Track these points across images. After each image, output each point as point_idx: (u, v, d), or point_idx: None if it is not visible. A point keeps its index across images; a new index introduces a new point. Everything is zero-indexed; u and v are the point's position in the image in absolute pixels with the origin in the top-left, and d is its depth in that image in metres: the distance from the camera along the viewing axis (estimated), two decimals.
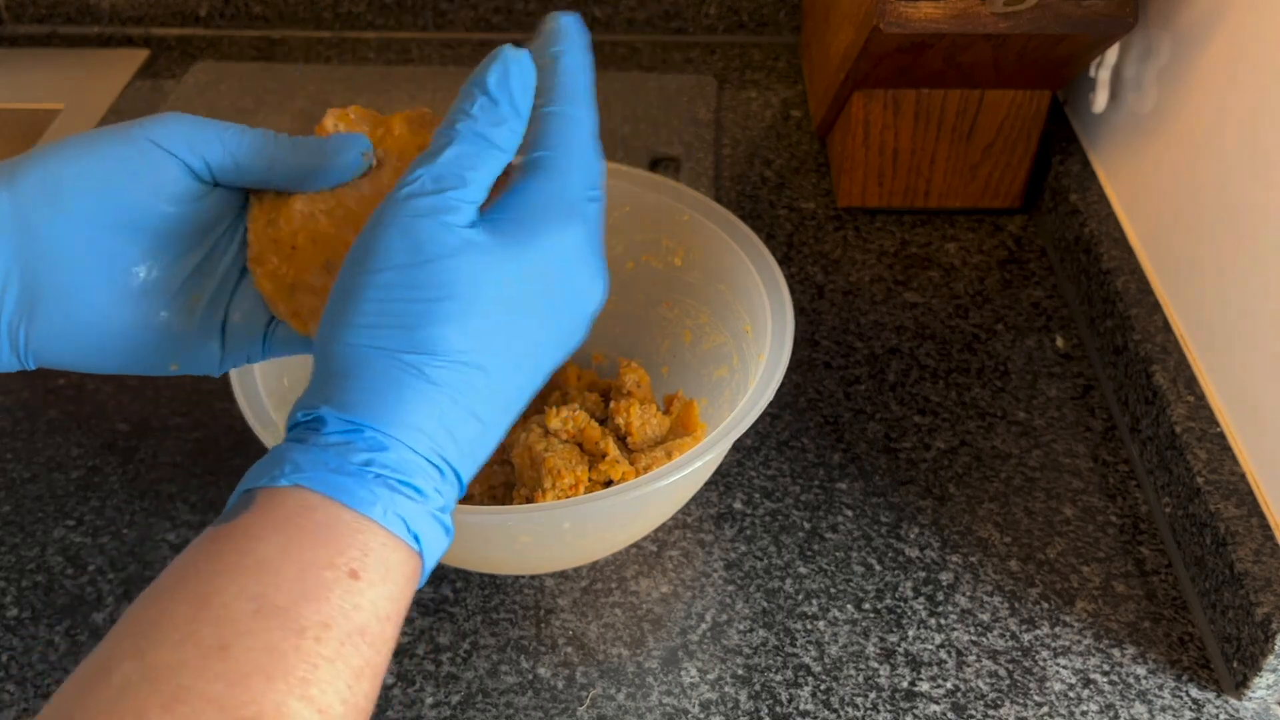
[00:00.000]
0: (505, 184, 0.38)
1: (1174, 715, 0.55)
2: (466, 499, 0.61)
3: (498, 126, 0.37)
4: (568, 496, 0.57)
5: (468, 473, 0.37)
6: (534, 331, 0.37)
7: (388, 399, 0.35)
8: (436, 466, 0.35)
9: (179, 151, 0.39)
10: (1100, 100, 0.76)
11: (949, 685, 0.56)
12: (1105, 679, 0.56)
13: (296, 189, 0.41)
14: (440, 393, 0.35)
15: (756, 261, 0.59)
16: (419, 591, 0.59)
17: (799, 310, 0.76)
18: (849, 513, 0.64)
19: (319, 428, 0.35)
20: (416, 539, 0.35)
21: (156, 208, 0.39)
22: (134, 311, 0.40)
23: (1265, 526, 0.56)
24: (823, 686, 0.56)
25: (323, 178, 0.40)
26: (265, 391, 0.55)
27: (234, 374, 0.55)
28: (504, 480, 0.62)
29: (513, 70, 0.37)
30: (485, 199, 0.37)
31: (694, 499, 0.64)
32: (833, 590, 0.60)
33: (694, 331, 0.65)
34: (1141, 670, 0.56)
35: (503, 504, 0.61)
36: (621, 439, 0.61)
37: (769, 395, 0.52)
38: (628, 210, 0.65)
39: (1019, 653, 0.57)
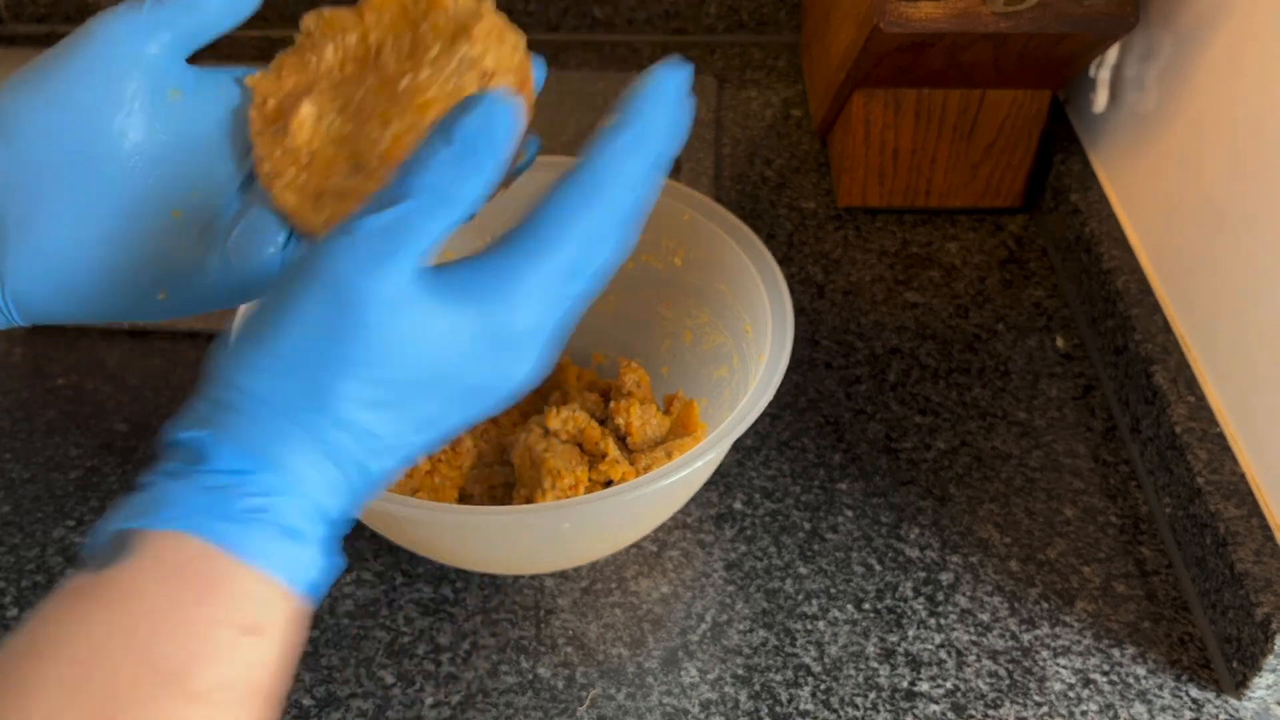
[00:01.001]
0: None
1: (1174, 715, 0.54)
2: (466, 498, 0.61)
3: (461, 182, 0.33)
4: (568, 496, 0.57)
5: (351, 516, 0.35)
6: (447, 404, 0.35)
7: (277, 447, 0.32)
8: (325, 515, 0.33)
9: (139, 45, 0.37)
10: (1101, 100, 0.76)
11: (949, 685, 0.56)
12: (1105, 679, 0.56)
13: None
14: (331, 452, 0.33)
15: (757, 261, 0.59)
16: (419, 591, 0.59)
17: (799, 310, 0.76)
18: (849, 513, 0.64)
19: (201, 461, 0.32)
20: (310, 587, 0.33)
21: (120, 129, 0.37)
22: (106, 245, 0.38)
23: (1265, 527, 0.56)
24: (823, 686, 0.56)
25: None
26: None
27: None
28: (504, 480, 0.62)
29: (496, 122, 0.33)
30: (438, 251, 0.34)
31: (694, 499, 0.64)
32: (833, 590, 0.60)
33: (694, 331, 0.65)
34: (1141, 670, 0.56)
35: (503, 504, 0.61)
36: (621, 439, 0.61)
37: (769, 395, 0.52)
38: None
39: (1019, 653, 0.57)
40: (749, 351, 0.59)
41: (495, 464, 0.63)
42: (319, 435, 0.32)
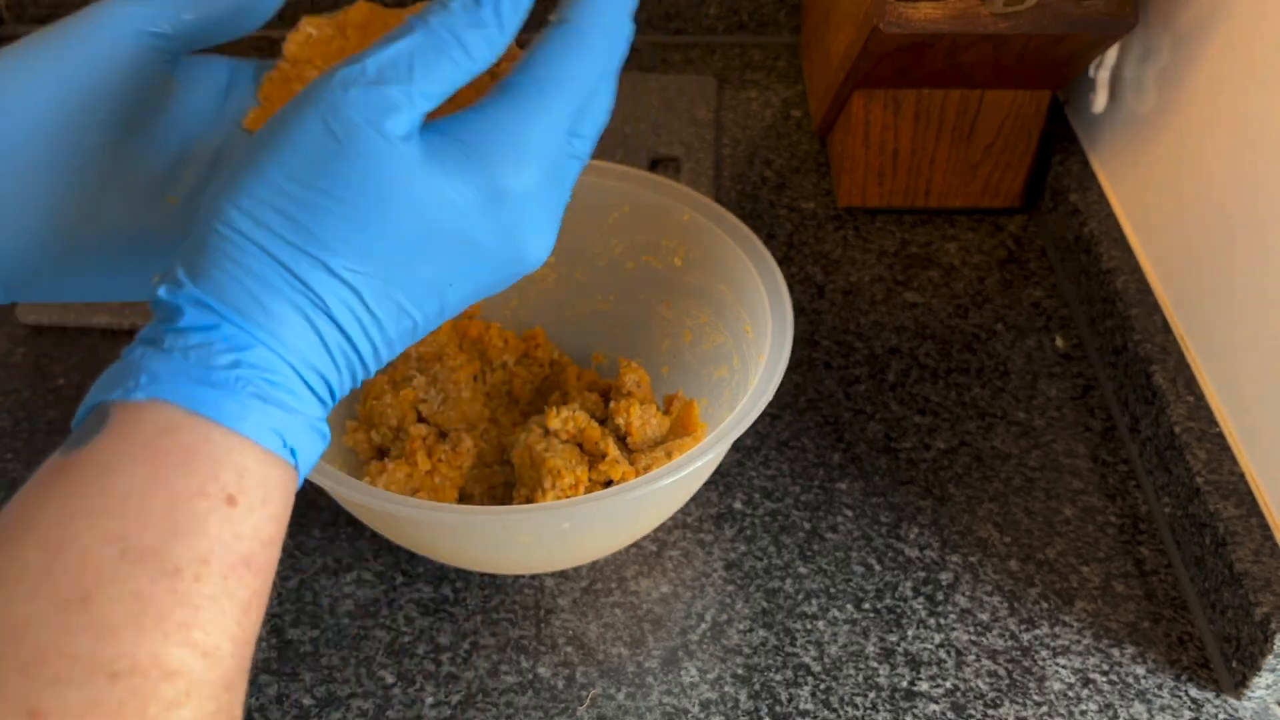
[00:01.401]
0: (472, 98, 0.34)
1: (1173, 715, 0.55)
2: (466, 498, 0.61)
3: (474, 29, 0.32)
4: (568, 496, 0.57)
5: (342, 385, 0.33)
6: (449, 269, 0.33)
7: (258, 293, 0.30)
8: (302, 378, 0.31)
9: (138, 34, 0.35)
10: (1100, 100, 0.76)
11: (948, 685, 0.56)
12: (1104, 679, 0.56)
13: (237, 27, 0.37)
14: (318, 302, 0.31)
15: (756, 262, 0.60)
16: (419, 591, 0.59)
17: (799, 310, 0.76)
18: (849, 513, 0.64)
19: (175, 319, 0.30)
20: (294, 453, 0.31)
21: (110, 116, 0.36)
22: (96, 217, 0.36)
23: (1264, 526, 0.56)
24: (822, 686, 0.56)
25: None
26: None
27: None
28: (504, 480, 0.62)
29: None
30: (436, 107, 0.32)
31: (694, 499, 0.64)
32: (832, 590, 0.60)
33: (694, 331, 0.65)
34: (1141, 670, 0.56)
35: (503, 504, 0.61)
36: (621, 439, 0.61)
37: (768, 395, 0.52)
38: (628, 210, 0.65)
39: (1018, 652, 0.57)
40: (749, 351, 0.59)
41: (495, 464, 0.63)
42: (306, 282, 0.31)
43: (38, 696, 0.25)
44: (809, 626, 0.58)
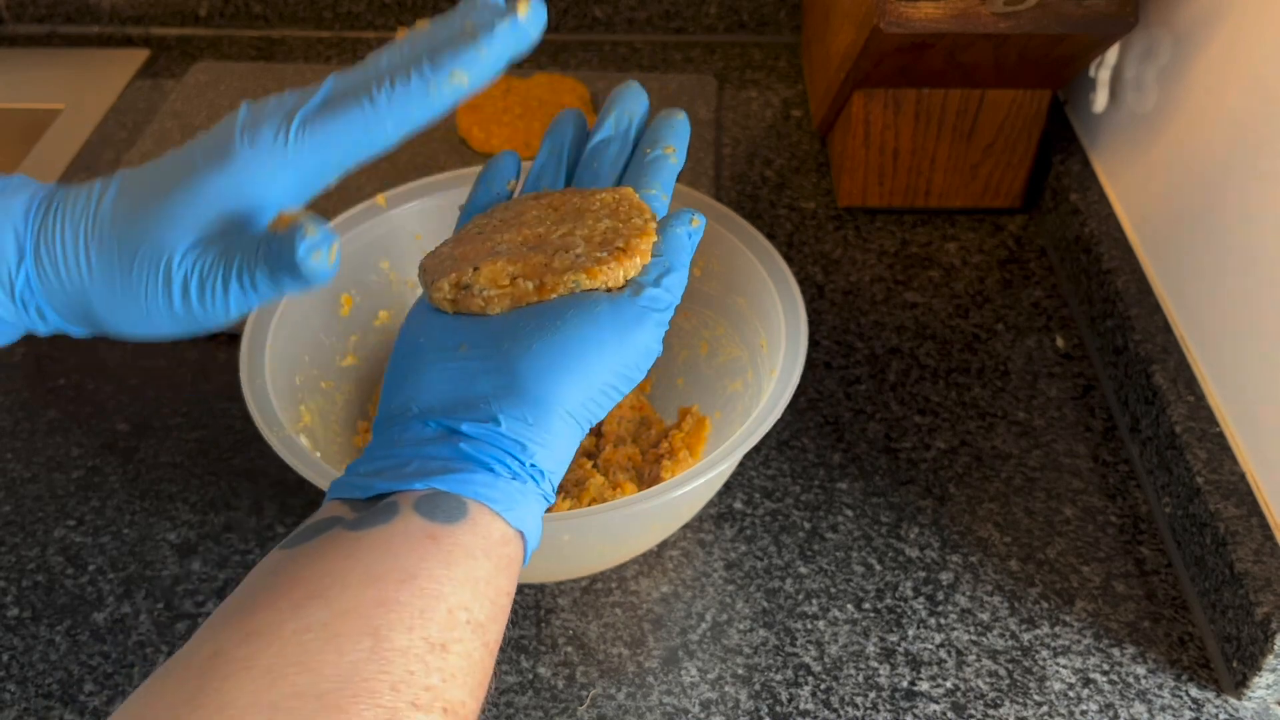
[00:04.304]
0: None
1: (1174, 715, 0.55)
2: None
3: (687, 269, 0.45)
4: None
5: None
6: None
7: (565, 460, 0.41)
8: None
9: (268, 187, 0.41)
10: (1100, 100, 0.76)
11: (949, 685, 0.56)
12: (1105, 678, 0.56)
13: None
14: (570, 451, 0.42)
15: (775, 276, 0.59)
16: None
17: None
18: (849, 513, 0.64)
19: (539, 477, 0.40)
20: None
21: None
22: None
23: (1265, 526, 0.56)
24: (823, 686, 0.56)
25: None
26: (273, 390, 0.55)
27: (244, 372, 0.55)
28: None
29: (699, 231, 0.46)
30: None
31: None
32: (833, 590, 0.60)
33: (710, 344, 0.65)
34: (1141, 670, 0.56)
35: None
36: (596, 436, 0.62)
37: (777, 413, 0.52)
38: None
39: (1019, 652, 0.57)
40: (763, 367, 0.59)
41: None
42: (581, 424, 0.41)
43: (398, 712, 0.32)
44: (809, 626, 0.58)
